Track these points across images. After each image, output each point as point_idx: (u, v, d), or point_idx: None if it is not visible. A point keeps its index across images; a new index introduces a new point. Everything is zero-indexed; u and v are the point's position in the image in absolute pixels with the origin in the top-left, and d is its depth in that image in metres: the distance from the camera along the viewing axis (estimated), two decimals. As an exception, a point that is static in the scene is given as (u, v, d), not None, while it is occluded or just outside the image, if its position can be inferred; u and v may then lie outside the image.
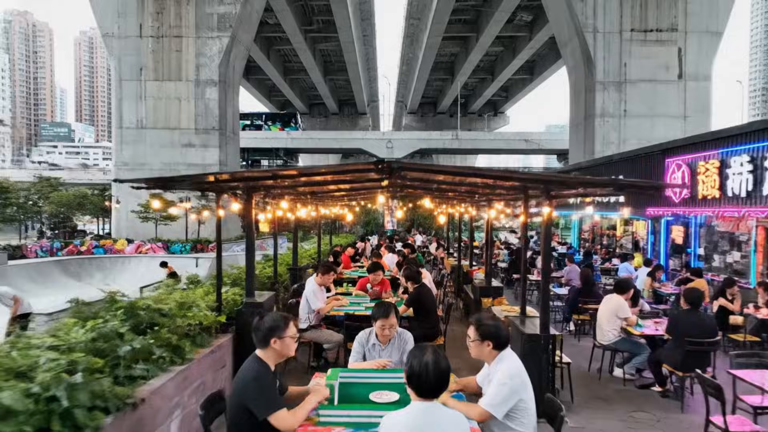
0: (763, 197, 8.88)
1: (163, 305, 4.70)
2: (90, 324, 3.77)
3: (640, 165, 13.33)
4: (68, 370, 3.10)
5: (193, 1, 31.75)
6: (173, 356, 4.32)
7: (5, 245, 23.02)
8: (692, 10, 29.97)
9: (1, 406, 2.49)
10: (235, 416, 2.95)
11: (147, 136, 31.96)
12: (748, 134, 9.44)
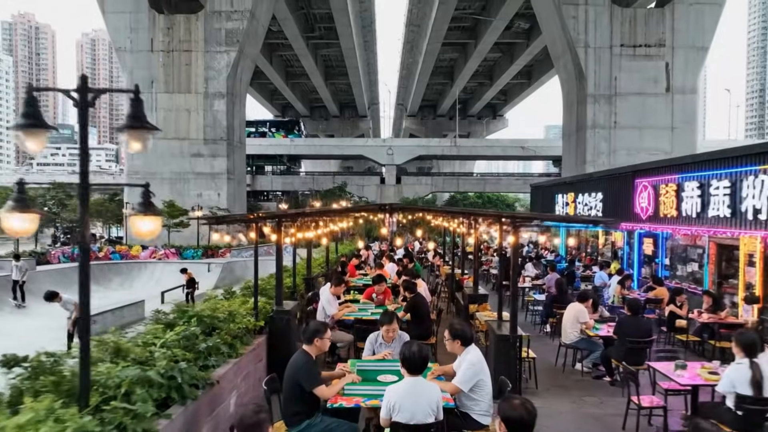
0: (708, 218, 10.36)
1: (219, 314, 6.19)
2: (178, 329, 5.25)
3: (616, 183, 14.81)
4: (174, 360, 4.62)
5: (202, 17, 33.27)
6: (230, 351, 5.82)
7: (31, 251, 24.43)
8: (679, 26, 31.48)
9: (151, 380, 3.99)
10: (289, 389, 4.44)
11: (158, 146, 33.32)
12: (697, 163, 10.93)
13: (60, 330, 15.68)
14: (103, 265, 25.21)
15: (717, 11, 31.71)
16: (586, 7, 31.31)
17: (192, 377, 4.60)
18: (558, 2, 31.22)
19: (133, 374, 3.92)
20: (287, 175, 48.52)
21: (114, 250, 27.59)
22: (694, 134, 32.27)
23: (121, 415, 3.55)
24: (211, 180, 33.48)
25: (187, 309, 6.14)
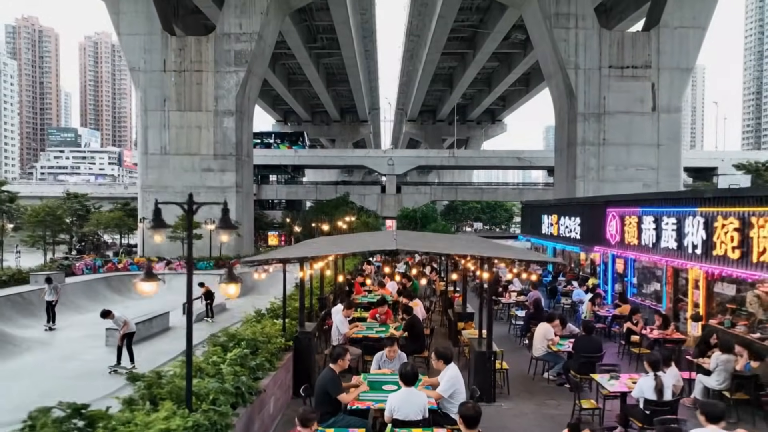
0: (661, 249, 12.15)
1: (260, 337, 8.02)
2: (236, 351, 7.07)
3: (591, 210, 16.59)
4: (236, 374, 6.45)
5: (212, 39, 35.12)
6: (270, 366, 7.65)
7: (59, 264, 26.21)
8: (664, 49, 33.33)
9: (226, 390, 5.81)
10: (320, 395, 6.25)
11: (170, 161, 35.26)
12: (654, 201, 12.71)
13: (92, 339, 17.51)
14: (124, 276, 27.03)
15: (700, 34, 33.55)
16: (576, 31, 33.15)
17: (249, 387, 6.44)
18: (549, 26, 33.07)
19: (216, 386, 5.77)
20: (291, 185, 50.32)
21: (132, 261, 29.40)
22: (678, 151, 34.12)
23: (212, 414, 5.38)
24: (221, 193, 35.23)
25: (236, 333, 7.97)
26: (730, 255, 9.75)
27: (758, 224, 9.04)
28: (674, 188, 33.68)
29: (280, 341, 8.50)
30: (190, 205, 5.54)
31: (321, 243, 12.62)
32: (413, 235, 15.36)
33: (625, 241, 13.97)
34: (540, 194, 48.34)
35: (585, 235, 16.81)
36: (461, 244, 11.34)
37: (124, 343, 13.24)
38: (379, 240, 10.39)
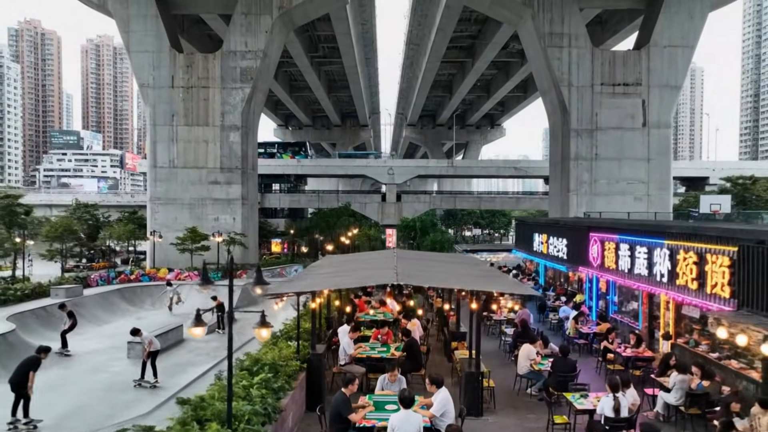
0: (634, 274, 13.46)
1: (280, 361, 9.34)
2: (261, 376, 8.38)
3: (576, 233, 17.87)
4: (263, 396, 7.77)
5: (218, 57, 36.44)
6: (288, 387, 8.98)
7: (75, 277, 27.49)
8: (654, 67, 34.65)
9: (258, 411, 7.13)
10: (333, 415, 7.56)
11: (178, 174, 36.55)
12: (629, 230, 14.00)
13: (114, 351, 18.77)
14: (137, 288, 28.35)
15: (688, 53, 34.88)
16: (569, 50, 34.48)
17: (273, 407, 7.77)
18: (543, 44, 34.41)
19: (250, 408, 7.09)
20: (294, 194, 51.68)
21: (144, 272, 30.70)
22: (668, 165, 35.40)
23: (248, 433, 6.70)
24: (227, 205, 36.60)
25: (259, 358, 9.29)
26: (690, 285, 11.06)
27: (711, 260, 10.35)
28: (664, 201, 35.07)
29: (296, 364, 9.82)
30: (231, 266, 6.82)
31: (327, 267, 13.93)
32: (413, 256, 16.64)
33: (605, 265, 15.28)
34: (537, 203, 49.63)
35: (571, 256, 18.13)
36: (457, 272, 12.63)
37: (148, 360, 14.46)
38: (380, 270, 11.67)
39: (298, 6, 36.60)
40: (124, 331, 21.99)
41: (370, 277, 11.07)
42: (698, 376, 9.88)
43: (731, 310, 9.68)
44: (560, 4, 34.31)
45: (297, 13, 37.71)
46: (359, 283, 10.85)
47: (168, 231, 35.93)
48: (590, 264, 16.39)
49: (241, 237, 34.44)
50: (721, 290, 10.02)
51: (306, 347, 11.00)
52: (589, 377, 12.28)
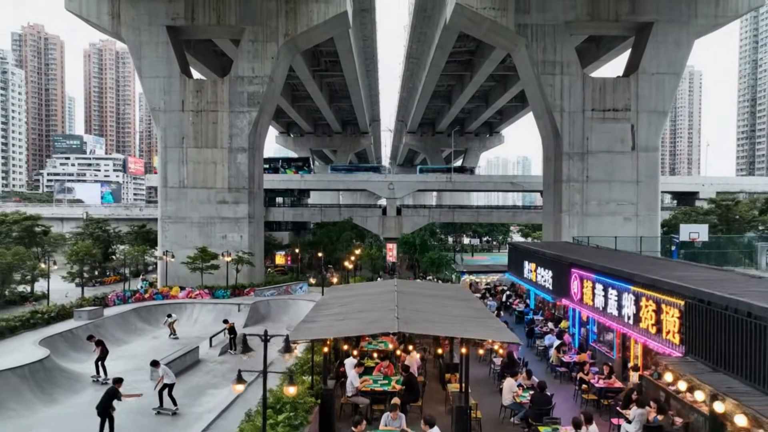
0: (607, 313, 15.14)
1: (299, 399, 11.06)
2: (285, 414, 10.09)
3: (560, 266, 19.54)
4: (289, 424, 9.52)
5: (227, 82, 38.17)
6: (305, 421, 10.70)
7: (95, 297, 29.18)
8: (642, 93, 36.37)
9: (292, 426, 8.86)
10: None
11: (188, 194, 38.25)
12: (604, 273, 15.68)
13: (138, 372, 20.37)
14: (151, 307, 30.07)
15: (675, 80, 36.59)
16: (561, 77, 36.18)
17: None
18: (537, 72, 36.12)
19: (279, 445, 8.82)
20: (298, 208, 53.39)
21: (157, 291, 32.41)
22: (656, 187, 37.07)
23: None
24: (235, 224, 38.30)
25: (281, 396, 11.01)
26: (650, 329, 12.75)
27: (666, 310, 12.04)
28: (652, 221, 36.75)
29: (311, 400, 11.54)
30: (266, 338, 8.51)
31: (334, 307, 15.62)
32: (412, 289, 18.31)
33: (584, 300, 16.95)
34: (533, 216, 51.35)
35: (555, 288, 19.79)
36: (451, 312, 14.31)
37: (165, 391, 16.02)
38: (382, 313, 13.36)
39: (302, 33, 38.37)
40: (143, 351, 23.85)
41: (374, 322, 12.73)
42: (654, 410, 11.57)
43: (680, 356, 11.38)
44: (552, 34, 36.00)
45: (301, 39, 39.47)
46: (364, 330, 12.52)
47: (178, 248, 37.63)
48: (572, 297, 18.07)
49: (248, 256, 36.11)
50: (672, 337, 11.72)
51: (318, 382, 12.70)
52: (567, 406, 14.00)
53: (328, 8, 37.92)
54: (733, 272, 14.74)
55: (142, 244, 48.79)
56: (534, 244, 25.34)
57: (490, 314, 14.73)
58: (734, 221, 37.03)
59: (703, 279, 13.11)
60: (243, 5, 37.64)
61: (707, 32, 38.10)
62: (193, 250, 36.88)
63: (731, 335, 10.12)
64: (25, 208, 55.53)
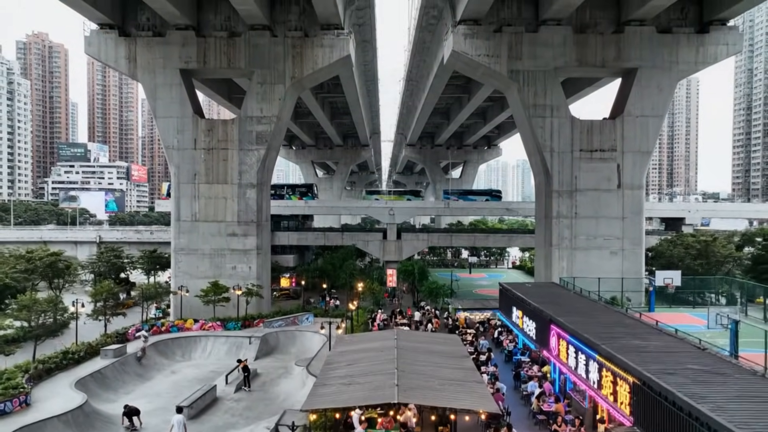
0: (578, 373, 17.44)
1: None
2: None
3: (541, 320, 21.80)
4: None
5: (236, 122, 40.52)
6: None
7: (116, 333, 31.38)
8: (627, 135, 38.71)
9: None
10: None
11: (199, 227, 40.55)
12: (576, 335, 17.94)
13: (165, 412, 22.56)
14: (168, 340, 32.37)
15: (658, 122, 38.93)
16: (551, 119, 38.53)
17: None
18: (528, 115, 38.46)
19: None
20: (302, 232, 55.70)
21: (172, 323, 34.72)
22: (641, 222, 39.38)
23: None
24: (244, 255, 40.61)
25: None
26: (609, 396, 15.04)
27: (620, 383, 14.34)
28: (637, 255, 39.01)
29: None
30: None
31: (341, 366, 17.97)
32: (412, 343, 20.63)
33: (560, 356, 19.23)
34: (528, 241, 53.64)
35: (538, 339, 22.06)
36: (445, 376, 16.63)
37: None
38: (383, 377, 15.69)
39: (308, 75, 40.73)
40: (164, 388, 26.19)
41: (377, 389, 15.05)
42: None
43: (630, 425, 13.69)
44: (543, 79, 38.35)
45: (307, 80, 41.83)
46: (368, 399, 14.83)
47: (190, 279, 39.98)
48: (551, 351, 20.35)
49: (257, 288, 38.40)
50: (625, 407, 14.01)
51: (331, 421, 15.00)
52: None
53: (333, 53, 40.26)
54: (685, 341, 16.98)
55: (154, 267, 51.28)
56: (522, 288, 27.45)
57: (477, 376, 17.03)
58: (712, 255, 39.30)
59: (656, 351, 15.40)
60: (252, 49, 39.97)
61: (688, 76, 40.51)
62: (204, 280, 39.21)
63: (664, 418, 12.37)
64: (43, 232, 58.04)
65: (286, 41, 39.97)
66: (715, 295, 35.15)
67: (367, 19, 48.12)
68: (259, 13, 36.79)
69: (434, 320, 34.66)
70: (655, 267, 48.23)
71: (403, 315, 37.83)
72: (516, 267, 73.80)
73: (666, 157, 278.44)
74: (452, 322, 34.56)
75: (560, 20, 37.85)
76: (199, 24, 39.95)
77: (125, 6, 39.43)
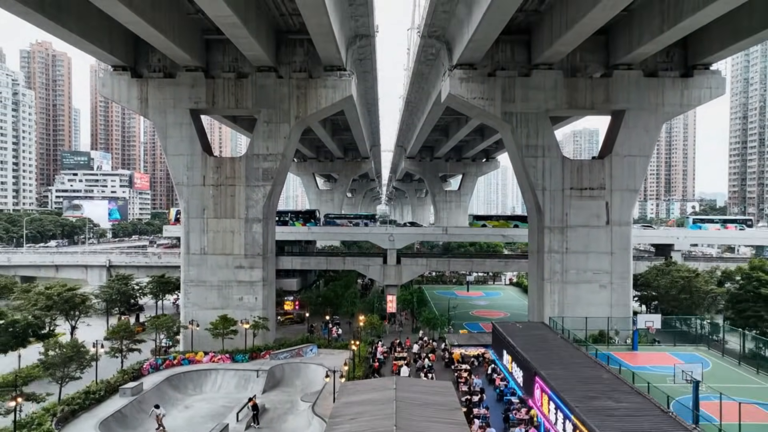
0: (556, 428, 19.36)
1: None
2: None
3: (528, 371, 23.69)
4: None
5: (243, 159, 42.47)
6: None
7: (132, 369, 33.30)
8: (615, 174, 40.66)
9: None
10: None
11: (208, 260, 42.50)
12: (556, 391, 19.84)
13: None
14: (181, 374, 34.30)
15: (644, 161, 40.91)
16: (543, 159, 40.48)
17: None
18: (521, 155, 40.41)
19: None
20: (305, 256, 57.68)
21: (184, 356, 36.66)
22: (628, 257, 41.30)
23: None
24: (250, 287, 42.56)
25: None
26: (582, 458, 16.99)
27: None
28: (625, 288, 40.91)
29: None
30: None
31: (346, 421, 19.90)
32: (411, 395, 22.53)
33: (542, 408, 21.14)
34: (523, 266, 55.59)
35: (524, 386, 23.94)
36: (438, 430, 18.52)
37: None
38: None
39: (312, 114, 42.75)
40: (180, 424, 28.19)
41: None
42: None
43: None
44: (535, 121, 40.30)
45: (311, 118, 43.90)
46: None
47: (199, 309, 41.94)
48: (535, 402, 22.27)
49: (263, 321, 40.33)
50: (597, 472, 15.96)
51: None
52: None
53: (335, 93, 42.31)
54: (652, 401, 18.87)
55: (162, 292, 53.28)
56: (512, 330, 29.07)
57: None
58: (695, 290, 41.23)
59: (625, 414, 17.36)
60: (258, 90, 41.97)
61: (673, 117, 42.48)
62: (212, 311, 41.21)
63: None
64: (54, 256, 60.05)
65: (291, 82, 41.94)
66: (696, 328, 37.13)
67: (368, 54, 50.07)
68: (265, 56, 38.74)
69: (431, 355, 36.62)
70: (643, 296, 50.44)
71: (402, 347, 39.73)
72: (513, 284, 75.77)
73: (663, 164, 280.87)
74: (448, 356, 36.45)
75: (552, 64, 39.79)
76: (207, 65, 41.93)
77: (137, 48, 41.36)
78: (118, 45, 38.89)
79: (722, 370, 29.32)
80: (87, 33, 34.28)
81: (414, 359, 37.07)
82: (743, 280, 37.32)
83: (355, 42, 44.39)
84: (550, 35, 35.57)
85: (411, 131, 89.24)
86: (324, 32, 34.30)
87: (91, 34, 34.84)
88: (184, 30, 36.99)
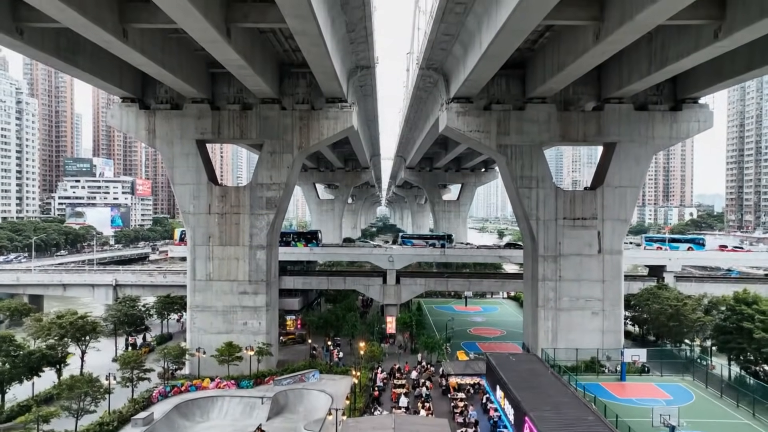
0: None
1: None
2: None
3: (519, 411, 25.13)
4: None
5: (248, 189, 43.87)
6: None
7: (141, 398, 34.67)
8: (607, 204, 42.09)
9: None
10: None
11: (213, 285, 43.86)
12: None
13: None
14: (189, 402, 35.70)
15: (635, 192, 42.37)
16: (537, 190, 41.92)
17: None
18: (516, 186, 41.84)
19: None
20: (306, 276, 59.13)
21: (191, 383, 38.08)
22: (620, 285, 42.71)
23: None
24: (254, 312, 43.93)
25: None
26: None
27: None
28: (617, 315, 42.33)
29: None
30: None
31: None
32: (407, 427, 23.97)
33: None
34: (519, 286, 56.98)
35: (515, 425, 25.33)
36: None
37: None
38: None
39: (314, 144, 44.20)
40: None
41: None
42: None
43: None
44: (529, 153, 41.75)
45: (313, 148, 45.33)
46: None
47: (204, 334, 43.32)
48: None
49: (267, 347, 41.71)
50: None
51: None
52: None
53: (337, 124, 43.76)
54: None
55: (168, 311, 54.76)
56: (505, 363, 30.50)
57: None
58: (685, 317, 42.63)
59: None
60: (262, 121, 43.37)
61: (663, 149, 43.89)
62: (217, 335, 42.58)
63: None
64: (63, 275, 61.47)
65: (293, 113, 43.33)
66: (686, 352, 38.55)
67: (368, 81, 51.48)
68: (269, 90, 40.18)
69: (428, 383, 38.07)
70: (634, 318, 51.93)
71: (401, 372, 41.13)
72: (511, 297, 77.13)
73: (662, 169, 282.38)
74: (446, 383, 37.87)
75: (545, 98, 41.25)
76: (213, 96, 43.36)
77: (145, 81, 42.72)
78: (127, 79, 40.34)
79: (704, 403, 30.72)
80: (98, 71, 35.80)
81: (413, 386, 38.49)
82: (728, 311, 38.69)
83: (356, 72, 45.77)
84: (543, 74, 37.03)
85: (410, 144, 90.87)
86: (326, 72, 35.71)
87: (102, 72, 36.34)
88: (191, 66, 38.47)
